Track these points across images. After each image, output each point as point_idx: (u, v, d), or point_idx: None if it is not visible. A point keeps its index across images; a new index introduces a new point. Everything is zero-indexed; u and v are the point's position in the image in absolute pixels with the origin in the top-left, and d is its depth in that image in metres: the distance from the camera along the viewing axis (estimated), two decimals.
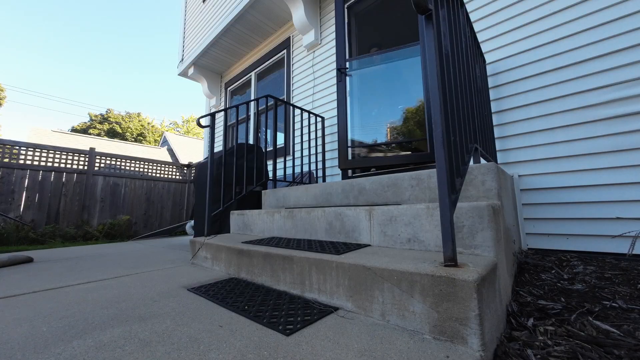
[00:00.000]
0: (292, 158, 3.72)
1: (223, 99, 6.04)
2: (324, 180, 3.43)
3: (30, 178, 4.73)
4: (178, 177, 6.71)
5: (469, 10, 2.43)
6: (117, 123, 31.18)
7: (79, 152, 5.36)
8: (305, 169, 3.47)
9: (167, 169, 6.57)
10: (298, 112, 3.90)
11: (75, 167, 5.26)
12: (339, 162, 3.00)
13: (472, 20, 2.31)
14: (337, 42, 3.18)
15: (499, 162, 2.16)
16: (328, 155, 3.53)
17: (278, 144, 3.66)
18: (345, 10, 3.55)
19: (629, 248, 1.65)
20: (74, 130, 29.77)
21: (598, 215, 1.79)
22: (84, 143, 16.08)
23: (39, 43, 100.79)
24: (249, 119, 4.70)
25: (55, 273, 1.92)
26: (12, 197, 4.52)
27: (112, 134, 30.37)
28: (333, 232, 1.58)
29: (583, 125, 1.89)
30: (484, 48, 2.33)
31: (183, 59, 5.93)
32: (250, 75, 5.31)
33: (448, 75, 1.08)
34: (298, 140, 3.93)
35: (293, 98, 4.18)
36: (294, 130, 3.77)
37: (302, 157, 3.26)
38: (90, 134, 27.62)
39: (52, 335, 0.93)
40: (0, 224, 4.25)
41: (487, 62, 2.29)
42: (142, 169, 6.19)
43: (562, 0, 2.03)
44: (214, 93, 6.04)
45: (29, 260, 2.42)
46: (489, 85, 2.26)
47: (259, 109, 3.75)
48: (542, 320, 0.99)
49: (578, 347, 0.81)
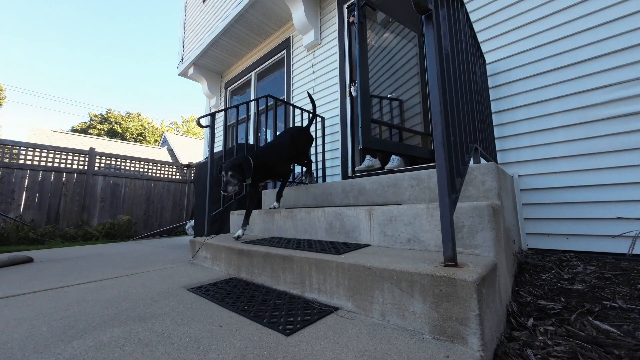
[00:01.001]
0: None
1: (223, 99, 6.03)
2: (324, 180, 3.43)
3: (30, 178, 4.73)
4: (178, 177, 6.71)
5: (469, 10, 2.43)
6: (117, 123, 31.17)
7: (79, 152, 5.36)
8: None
9: (167, 169, 6.57)
10: (298, 112, 3.90)
11: (75, 167, 5.26)
12: (363, 139, 2.06)
13: (472, 20, 2.31)
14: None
15: (499, 162, 2.16)
16: (328, 155, 3.53)
17: None
18: (345, 11, 3.56)
19: (629, 248, 1.65)
20: (74, 130, 29.76)
21: (598, 215, 1.79)
22: (84, 143, 16.07)
23: (39, 43, 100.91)
24: (249, 119, 4.70)
25: (55, 273, 1.92)
26: (12, 197, 4.52)
27: (112, 134, 30.37)
28: (333, 232, 1.58)
29: (583, 125, 1.89)
30: (484, 48, 2.33)
31: (183, 59, 5.92)
32: (250, 75, 5.31)
33: (448, 75, 1.08)
34: None
35: (293, 98, 4.17)
36: None
37: None
38: (90, 134, 27.60)
39: (52, 335, 0.93)
40: (0, 224, 4.25)
41: (487, 62, 2.29)
42: (142, 169, 6.19)
43: (562, 0, 2.03)
44: (214, 93, 6.04)
45: (29, 260, 2.42)
46: (489, 85, 2.26)
47: (259, 109, 3.74)
48: (542, 320, 0.99)
49: (578, 347, 0.81)
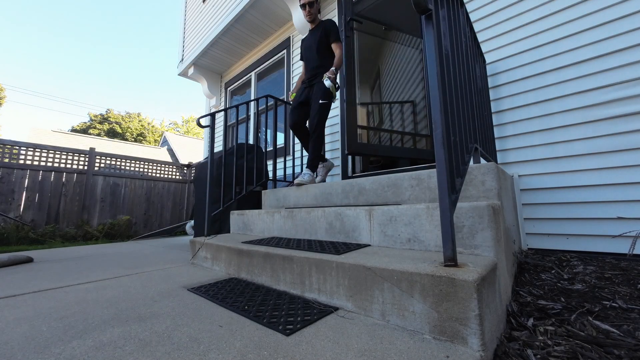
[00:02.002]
0: (292, 158, 3.71)
1: (223, 99, 6.03)
2: (324, 180, 3.42)
3: (30, 178, 4.73)
4: (178, 177, 6.71)
5: (469, 10, 2.43)
6: (117, 123, 31.16)
7: (79, 152, 5.35)
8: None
9: (167, 169, 6.57)
10: None
11: (75, 167, 5.25)
12: (348, 145, 2.51)
13: (472, 20, 2.31)
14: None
15: (499, 162, 2.16)
16: (328, 156, 3.53)
17: (278, 144, 3.65)
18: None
19: (630, 248, 1.64)
20: (74, 130, 29.74)
21: (598, 215, 1.79)
22: (84, 143, 16.08)
23: (39, 43, 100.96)
24: (249, 119, 4.69)
25: (55, 273, 1.92)
26: (12, 197, 4.52)
27: (112, 134, 30.36)
28: (333, 232, 1.58)
29: (583, 125, 1.89)
30: (484, 48, 2.33)
31: (183, 59, 5.92)
32: (250, 75, 5.31)
33: (448, 75, 1.08)
34: (298, 140, 3.92)
35: None
36: None
37: (302, 157, 3.25)
38: (90, 134, 27.60)
39: (52, 335, 0.93)
40: (0, 224, 4.25)
41: (487, 62, 2.29)
42: (142, 169, 6.19)
43: (562, 0, 2.04)
44: (214, 93, 6.04)
45: (29, 260, 2.42)
46: (489, 85, 2.26)
47: (259, 109, 3.74)
48: (542, 320, 0.99)
49: (578, 347, 0.81)
